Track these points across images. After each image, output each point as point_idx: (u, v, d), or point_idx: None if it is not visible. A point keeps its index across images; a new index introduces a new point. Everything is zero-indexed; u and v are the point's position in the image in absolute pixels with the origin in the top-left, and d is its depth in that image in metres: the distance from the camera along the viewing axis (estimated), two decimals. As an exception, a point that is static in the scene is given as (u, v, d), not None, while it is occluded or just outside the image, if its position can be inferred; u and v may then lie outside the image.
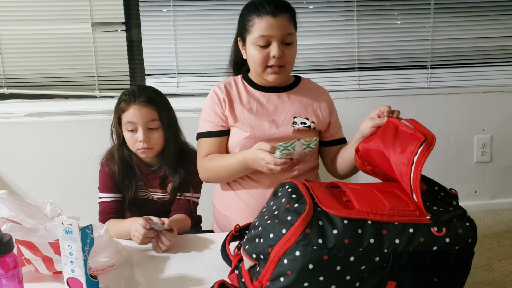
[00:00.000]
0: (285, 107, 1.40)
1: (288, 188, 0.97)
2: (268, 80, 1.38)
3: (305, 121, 1.40)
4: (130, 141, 1.39)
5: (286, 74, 1.39)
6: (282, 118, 1.39)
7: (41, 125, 2.37)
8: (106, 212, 1.39)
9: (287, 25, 1.33)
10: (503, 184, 2.71)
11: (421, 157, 0.90)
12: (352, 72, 2.58)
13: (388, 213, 0.88)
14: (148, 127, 1.37)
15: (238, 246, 1.06)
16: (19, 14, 2.44)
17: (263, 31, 1.32)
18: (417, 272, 0.88)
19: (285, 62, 1.35)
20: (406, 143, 0.95)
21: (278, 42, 1.32)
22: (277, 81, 1.38)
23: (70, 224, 0.94)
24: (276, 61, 1.33)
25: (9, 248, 0.88)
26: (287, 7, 1.35)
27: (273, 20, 1.32)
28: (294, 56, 1.37)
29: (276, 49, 1.32)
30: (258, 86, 1.43)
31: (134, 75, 2.55)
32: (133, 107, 1.37)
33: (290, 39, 1.34)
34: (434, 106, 2.59)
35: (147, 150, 1.38)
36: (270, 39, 1.33)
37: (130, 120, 1.37)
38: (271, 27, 1.32)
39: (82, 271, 0.96)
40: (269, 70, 1.35)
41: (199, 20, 2.49)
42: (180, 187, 1.43)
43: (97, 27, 2.46)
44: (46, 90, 2.52)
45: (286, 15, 1.33)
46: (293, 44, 1.36)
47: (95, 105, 2.51)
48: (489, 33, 2.61)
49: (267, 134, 1.37)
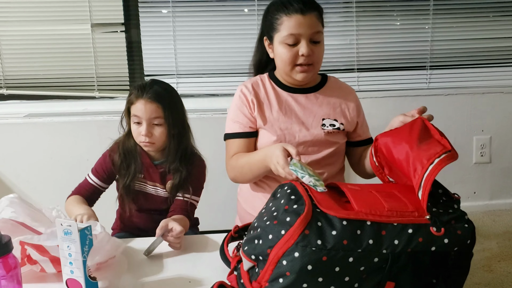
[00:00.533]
0: (313, 109, 1.39)
1: (287, 189, 0.97)
2: (297, 79, 1.37)
3: (334, 123, 1.39)
4: (135, 133, 1.42)
5: (315, 72, 1.38)
6: (311, 121, 1.38)
7: (41, 125, 2.37)
8: (81, 189, 1.45)
9: (315, 23, 1.32)
10: (502, 185, 2.72)
11: (441, 162, 0.90)
12: (351, 73, 2.58)
13: (387, 214, 0.88)
14: (152, 122, 1.39)
15: (237, 247, 1.06)
16: (18, 15, 2.44)
17: (292, 29, 1.32)
18: (416, 273, 0.88)
19: (313, 61, 1.34)
20: (432, 144, 0.95)
21: (307, 40, 1.32)
22: (305, 80, 1.38)
23: (69, 225, 0.94)
24: (305, 60, 1.33)
25: (8, 249, 0.88)
26: (316, 5, 1.35)
27: (302, 18, 1.31)
28: (322, 54, 1.37)
29: (305, 47, 1.32)
30: (285, 86, 1.42)
31: (134, 76, 2.55)
32: (140, 101, 1.38)
33: (319, 37, 1.34)
34: (433, 107, 2.57)
35: (149, 144, 1.40)
36: (299, 37, 1.32)
37: (136, 114, 1.39)
38: (300, 25, 1.31)
39: (81, 272, 0.96)
40: (298, 68, 1.35)
41: (199, 21, 2.49)
42: (180, 187, 1.43)
43: (97, 28, 2.46)
44: (45, 91, 2.52)
45: (315, 13, 1.33)
46: (321, 42, 1.35)
47: (94, 106, 2.51)
48: (488, 34, 2.61)
49: (297, 138, 1.36)
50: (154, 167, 1.45)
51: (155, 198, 1.47)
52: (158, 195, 1.47)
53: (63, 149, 2.37)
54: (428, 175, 0.90)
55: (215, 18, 2.49)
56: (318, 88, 1.43)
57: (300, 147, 1.36)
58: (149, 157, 1.45)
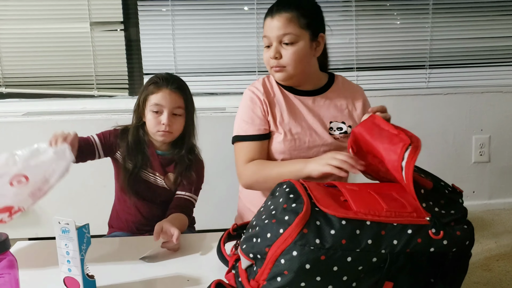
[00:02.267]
0: (320, 112, 1.38)
1: (286, 187, 0.97)
2: (276, 79, 1.37)
3: (341, 126, 1.38)
4: (152, 122, 1.41)
5: (289, 74, 1.34)
6: (318, 125, 1.37)
7: (39, 124, 2.36)
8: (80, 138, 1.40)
9: (285, 25, 1.29)
10: (501, 184, 2.72)
11: (410, 160, 0.90)
12: (351, 72, 2.58)
13: (386, 214, 0.87)
14: (173, 112, 1.41)
15: (236, 246, 1.06)
16: (17, 13, 2.43)
17: (264, 32, 1.34)
18: (414, 273, 0.88)
19: (283, 63, 1.31)
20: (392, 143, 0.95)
21: (277, 42, 1.31)
22: (281, 80, 1.36)
23: (66, 223, 0.94)
24: (273, 62, 1.32)
25: (5, 247, 0.88)
26: (291, 6, 1.30)
27: (270, 21, 1.32)
28: (297, 56, 1.31)
29: (272, 49, 1.32)
30: (291, 88, 1.40)
31: (133, 75, 2.54)
32: (163, 90, 1.41)
33: (289, 39, 1.30)
34: (433, 106, 2.60)
35: (167, 134, 1.41)
36: (270, 40, 1.32)
37: (158, 103, 1.40)
38: (268, 27, 1.32)
39: (79, 270, 0.96)
40: (273, 70, 1.35)
41: (198, 20, 2.49)
42: (183, 177, 1.45)
43: (96, 27, 2.46)
44: (44, 89, 2.52)
45: (286, 14, 1.29)
46: (295, 44, 1.31)
47: (93, 104, 2.50)
48: (487, 34, 2.61)
49: (307, 143, 1.35)
50: (156, 156, 1.47)
51: (154, 187, 1.48)
52: (157, 185, 1.48)
53: (61, 148, 2.36)
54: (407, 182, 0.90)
55: (214, 16, 2.49)
56: (325, 90, 1.42)
57: (311, 151, 1.35)
58: (154, 147, 1.47)
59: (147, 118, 1.43)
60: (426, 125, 2.60)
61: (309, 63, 1.36)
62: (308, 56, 1.34)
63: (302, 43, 1.31)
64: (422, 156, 0.87)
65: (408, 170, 0.89)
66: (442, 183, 1.01)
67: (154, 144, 1.47)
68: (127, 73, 2.52)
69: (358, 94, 1.44)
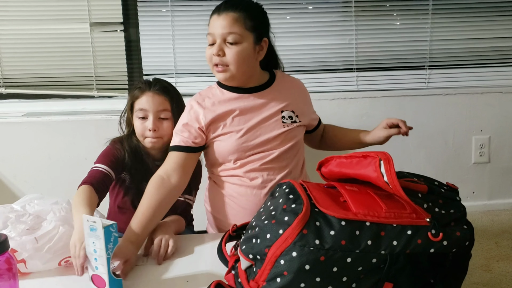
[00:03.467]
0: (270, 104, 1.38)
1: (286, 188, 0.97)
2: (217, 78, 1.38)
3: (291, 115, 1.40)
4: (139, 129, 1.39)
5: (232, 73, 1.33)
6: (269, 116, 1.37)
7: (39, 125, 2.36)
8: (90, 177, 1.32)
9: (230, 24, 1.30)
10: (501, 185, 2.72)
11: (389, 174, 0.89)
12: (350, 72, 2.58)
13: (385, 215, 0.88)
14: (159, 116, 1.39)
15: (235, 246, 1.06)
16: (16, 14, 2.43)
17: (209, 29, 1.35)
18: (414, 274, 0.88)
19: (226, 62, 1.31)
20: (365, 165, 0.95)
21: (221, 40, 1.31)
22: (223, 79, 1.36)
23: (94, 221, 0.94)
24: (216, 59, 1.32)
25: (4, 248, 0.88)
26: (239, 7, 1.31)
27: (217, 18, 1.32)
28: (240, 56, 1.30)
29: (215, 47, 1.32)
30: (235, 88, 1.39)
31: (132, 75, 2.54)
32: (146, 94, 1.39)
33: (233, 39, 1.30)
34: (432, 107, 2.60)
35: (155, 140, 1.38)
36: (215, 37, 1.32)
37: (142, 107, 1.38)
38: (213, 25, 1.33)
39: (105, 269, 0.96)
40: (215, 68, 1.35)
41: (198, 20, 2.49)
42: None
43: (95, 27, 2.46)
44: (44, 90, 2.52)
45: (233, 14, 1.30)
46: (239, 44, 1.30)
47: (93, 105, 2.50)
48: (487, 34, 2.61)
49: (259, 137, 1.35)
50: (156, 167, 1.44)
51: None
52: None
53: (61, 149, 2.36)
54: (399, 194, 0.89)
55: (214, 17, 2.49)
56: (268, 85, 1.42)
57: (263, 143, 1.35)
58: (151, 157, 1.45)
59: (135, 125, 1.40)
60: (426, 126, 2.60)
61: (251, 65, 1.36)
62: (251, 58, 1.34)
63: (246, 44, 1.32)
64: (422, 156, 0.87)
65: (393, 184, 0.89)
66: (436, 183, 1.01)
67: (149, 153, 1.44)
68: (127, 74, 2.52)
69: (298, 86, 1.49)
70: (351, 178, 1.01)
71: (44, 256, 1.07)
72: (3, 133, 2.35)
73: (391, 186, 0.89)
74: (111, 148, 1.43)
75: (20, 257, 1.05)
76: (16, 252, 1.05)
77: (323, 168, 1.10)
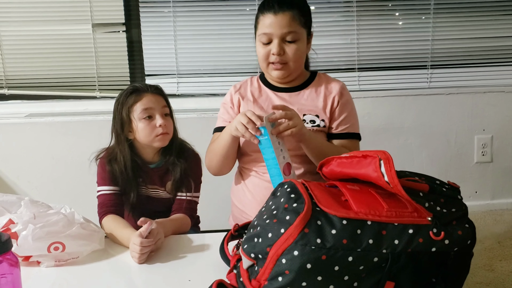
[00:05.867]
0: (295, 105, 1.39)
1: (287, 187, 0.97)
2: (272, 75, 1.41)
3: (314, 119, 1.40)
4: (147, 129, 1.38)
5: (290, 71, 1.39)
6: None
7: (42, 125, 2.37)
8: (105, 205, 1.37)
9: (289, 23, 1.33)
10: (504, 184, 2.71)
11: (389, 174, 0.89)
12: (352, 72, 2.58)
13: (386, 214, 0.87)
14: (164, 112, 1.41)
15: (237, 246, 1.06)
16: (19, 15, 2.44)
17: (265, 29, 1.35)
18: (416, 273, 0.87)
19: (286, 60, 1.37)
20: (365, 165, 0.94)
21: (279, 39, 1.34)
22: (281, 77, 1.40)
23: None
24: (276, 58, 1.36)
25: (7, 247, 0.88)
26: (293, 5, 1.34)
27: (274, 18, 1.34)
28: (299, 53, 1.37)
29: (275, 46, 1.35)
30: (271, 85, 1.46)
31: (134, 76, 2.55)
32: (147, 95, 1.40)
33: (293, 37, 1.35)
34: (435, 106, 2.59)
35: (165, 135, 1.40)
36: (271, 37, 1.35)
37: (146, 107, 1.38)
38: (271, 24, 1.34)
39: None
40: (272, 66, 1.38)
41: (199, 21, 2.49)
42: (181, 183, 1.43)
43: (98, 28, 2.47)
44: (46, 91, 2.53)
45: (290, 12, 1.33)
46: (297, 42, 1.35)
47: (95, 105, 2.51)
48: (489, 33, 2.61)
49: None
50: (151, 170, 1.45)
51: (157, 200, 1.47)
52: (160, 197, 1.47)
53: (64, 149, 2.37)
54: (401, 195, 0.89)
55: (216, 17, 2.49)
56: (304, 86, 1.44)
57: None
58: (146, 162, 1.45)
59: (139, 128, 1.38)
60: (428, 126, 2.59)
61: (304, 61, 1.43)
62: (305, 54, 1.41)
63: (302, 41, 1.37)
64: (425, 156, 0.87)
65: (394, 183, 0.89)
66: (437, 182, 1.01)
67: (145, 159, 1.45)
68: (129, 75, 2.53)
69: (336, 90, 1.43)
70: (352, 178, 1.01)
71: (36, 233, 1.08)
72: (6, 134, 2.36)
73: (392, 185, 0.89)
74: (102, 165, 1.44)
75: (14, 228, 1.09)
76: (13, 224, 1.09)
77: (324, 169, 1.11)
